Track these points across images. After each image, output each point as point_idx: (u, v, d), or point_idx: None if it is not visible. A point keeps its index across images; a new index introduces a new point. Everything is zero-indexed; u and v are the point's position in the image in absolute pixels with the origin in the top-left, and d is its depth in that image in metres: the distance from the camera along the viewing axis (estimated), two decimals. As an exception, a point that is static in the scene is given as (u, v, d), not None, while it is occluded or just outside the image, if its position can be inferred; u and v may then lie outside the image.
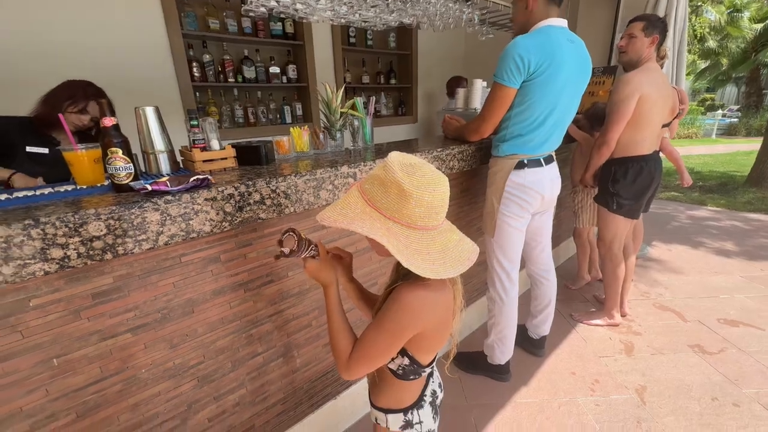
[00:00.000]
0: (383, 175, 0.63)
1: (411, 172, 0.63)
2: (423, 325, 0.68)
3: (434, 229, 0.66)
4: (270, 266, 1.14)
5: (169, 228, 0.84)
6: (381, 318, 0.68)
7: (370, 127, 1.59)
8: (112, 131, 0.84)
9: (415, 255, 0.62)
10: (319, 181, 1.10)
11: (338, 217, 0.64)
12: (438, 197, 0.64)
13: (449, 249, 0.67)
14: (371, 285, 1.46)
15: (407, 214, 0.62)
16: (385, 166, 0.64)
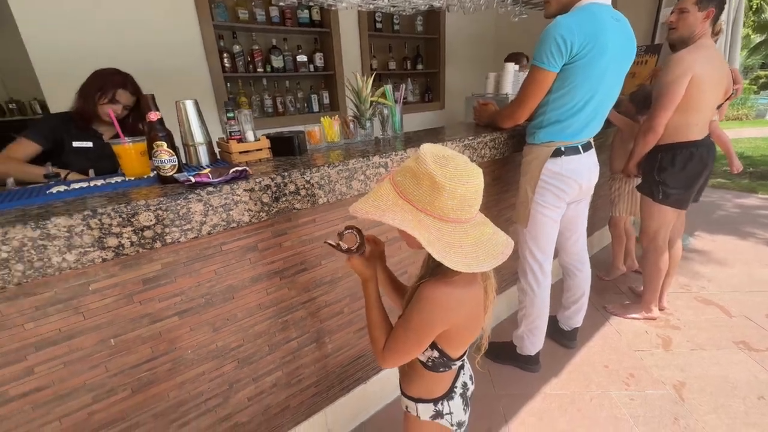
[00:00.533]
0: (415, 167, 0.63)
1: (444, 163, 0.62)
2: (451, 321, 0.69)
3: (467, 222, 0.65)
4: (304, 255, 1.17)
5: (212, 218, 0.88)
6: (408, 314, 0.69)
7: (399, 115, 1.58)
8: (158, 125, 0.88)
9: (447, 248, 0.62)
10: (351, 171, 1.10)
11: (370, 209, 0.64)
12: (471, 189, 0.63)
13: (482, 242, 0.66)
14: (401, 274, 1.47)
15: (439, 207, 0.62)
16: (417, 157, 0.64)
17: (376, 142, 1.46)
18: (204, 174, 0.87)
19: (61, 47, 1.92)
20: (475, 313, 0.71)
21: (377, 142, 1.46)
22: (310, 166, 1.04)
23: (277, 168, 1.03)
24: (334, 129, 1.39)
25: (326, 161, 1.09)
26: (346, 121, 1.43)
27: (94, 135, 1.49)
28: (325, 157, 1.16)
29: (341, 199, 1.11)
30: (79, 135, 1.45)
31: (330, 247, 0.78)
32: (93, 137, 1.49)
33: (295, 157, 1.20)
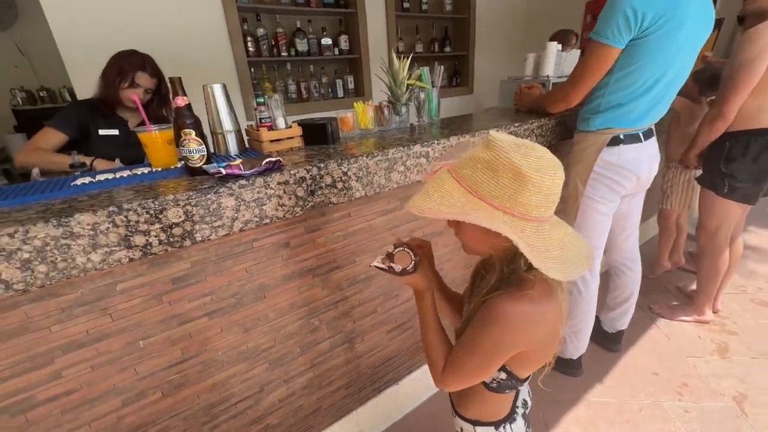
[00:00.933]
0: (490, 158, 0.53)
1: (526, 152, 0.53)
2: (527, 343, 0.59)
3: (547, 221, 0.56)
4: (337, 251, 1.09)
5: (244, 213, 0.80)
6: (476, 334, 0.60)
7: (436, 100, 1.45)
8: (185, 111, 0.80)
9: (533, 252, 0.52)
10: (391, 161, 1.00)
11: (440, 208, 0.55)
12: (557, 182, 0.54)
13: (566, 245, 0.57)
14: (437, 271, 1.37)
15: (522, 203, 0.52)
16: (490, 145, 0.54)
17: (412, 129, 1.35)
18: (235, 165, 0.79)
19: (86, 33, 1.88)
20: (554, 330, 0.61)
21: (412, 129, 1.35)
22: (347, 156, 0.94)
23: (311, 158, 0.94)
24: (368, 115, 1.29)
25: (363, 150, 1.00)
26: (381, 106, 1.32)
27: (119, 122, 1.45)
28: (360, 146, 1.07)
29: (379, 192, 1.01)
30: (104, 123, 1.40)
31: (383, 270, 0.69)
32: (119, 124, 1.44)
33: (328, 146, 1.11)
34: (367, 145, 1.09)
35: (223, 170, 0.77)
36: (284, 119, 1.08)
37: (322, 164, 0.88)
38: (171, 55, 2.08)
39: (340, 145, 1.11)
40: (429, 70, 1.42)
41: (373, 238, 1.16)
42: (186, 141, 0.80)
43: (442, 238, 1.36)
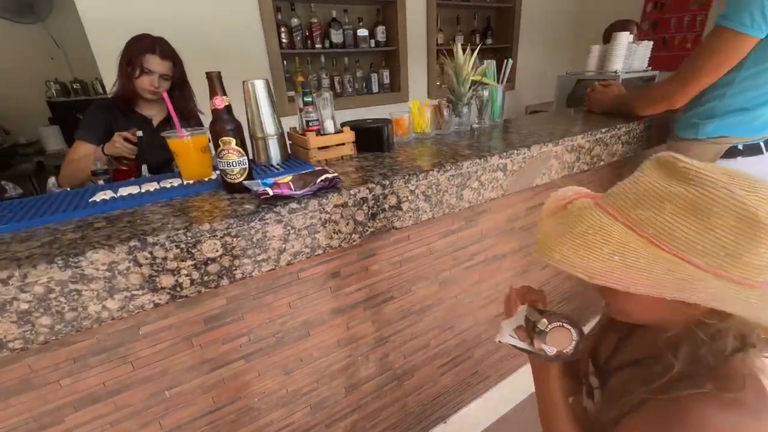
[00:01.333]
0: (696, 196, 0.36)
1: (752, 188, 0.34)
2: None
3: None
4: (393, 280, 0.92)
5: (293, 244, 0.64)
6: None
7: (501, 98, 1.26)
8: (225, 114, 0.65)
9: None
10: (465, 176, 0.82)
11: (623, 270, 0.37)
12: None
13: None
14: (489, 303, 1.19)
15: (746, 263, 0.34)
16: (690, 175, 0.36)
17: (472, 132, 1.16)
18: (284, 183, 0.63)
19: (117, 25, 1.77)
20: None
21: (473, 132, 1.16)
22: (412, 169, 0.77)
23: (368, 171, 0.78)
24: (425, 117, 1.11)
25: (428, 162, 0.82)
26: (440, 106, 1.14)
27: (141, 120, 1.31)
28: (422, 156, 0.89)
29: (448, 212, 0.84)
30: (126, 123, 1.27)
31: (527, 353, 0.51)
32: (141, 123, 1.30)
33: (383, 153, 0.94)
34: (429, 153, 0.91)
35: (270, 190, 0.62)
36: (334, 122, 0.91)
37: (386, 181, 0.71)
38: (202, 48, 1.96)
39: (396, 153, 0.93)
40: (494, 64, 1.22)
41: (432, 263, 0.98)
42: (225, 152, 0.65)
43: (506, 261, 1.17)
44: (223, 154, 0.65)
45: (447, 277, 1.04)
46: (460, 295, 1.10)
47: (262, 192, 0.61)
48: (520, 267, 1.23)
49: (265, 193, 0.61)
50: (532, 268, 1.28)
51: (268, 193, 0.61)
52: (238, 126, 0.67)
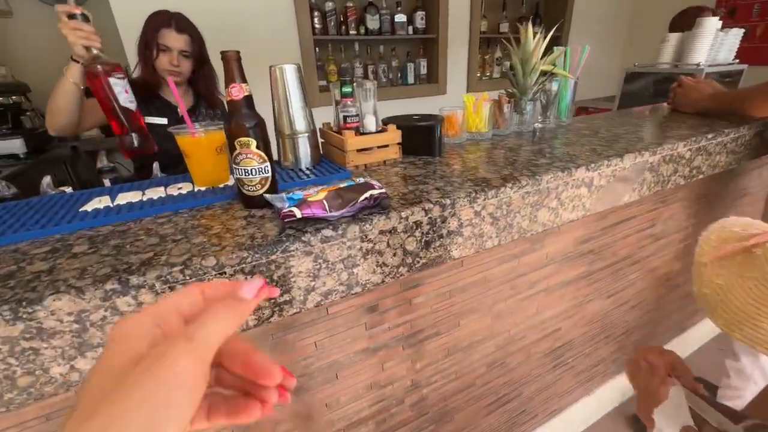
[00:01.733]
0: None
1: None
2: None
3: None
4: (440, 313, 0.76)
5: (324, 281, 0.49)
6: None
7: (572, 93, 1.05)
8: (244, 108, 0.50)
9: None
10: (543, 194, 0.64)
11: None
12: None
13: None
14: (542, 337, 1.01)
15: None
16: None
17: (535, 134, 0.97)
18: (316, 202, 0.47)
19: (143, 9, 1.67)
20: None
21: (535, 134, 0.97)
22: (478, 183, 0.60)
23: (419, 183, 0.61)
24: (482, 114, 0.92)
25: (499, 173, 0.64)
26: (501, 101, 0.95)
27: (165, 107, 1.20)
28: (480, 162, 0.72)
29: (518, 238, 0.66)
30: (149, 108, 1.16)
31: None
32: (164, 109, 1.19)
33: (433, 158, 0.77)
34: (491, 160, 0.73)
35: (297, 211, 0.46)
36: (376, 118, 0.75)
37: (447, 200, 0.54)
38: (229, 33, 1.84)
39: (449, 158, 0.76)
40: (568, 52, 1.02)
41: (486, 294, 0.81)
42: (243, 156, 0.50)
43: (569, 289, 0.98)
44: (240, 159, 0.50)
45: (502, 309, 0.87)
46: (514, 329, 0.92)
47: (287, 213, 0.46)
48: (582, 296, 1.04)
49: (291, 214, 0.46)
50: (597, 296, 1.08)
51: (295, 216, 0.46)
52: (261, 123, 0.51)
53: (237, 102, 0.49)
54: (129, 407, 0.15)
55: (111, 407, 0.15)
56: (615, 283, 1.11)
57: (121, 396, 0.16)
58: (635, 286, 1.18)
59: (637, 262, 1.13)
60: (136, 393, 0.16)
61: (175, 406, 0.16)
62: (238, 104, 0.49)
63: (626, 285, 1.15)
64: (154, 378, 0.16)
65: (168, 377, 0.17)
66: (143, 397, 0.16)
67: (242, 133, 0.49)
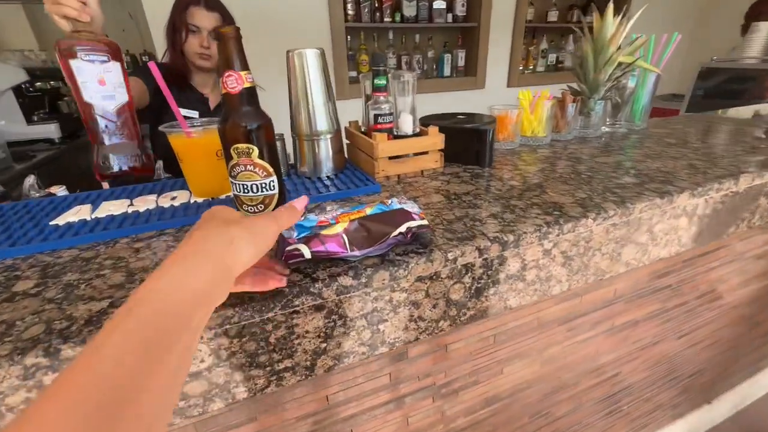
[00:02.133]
0: None
1: None
2: None
3: None
4: (478, 361, 0.62)
5: (339, 341, 0.36)
6: None
7: (651, 92, 0.87)
8: (243, 104, 0.37)
9: None
10: (632, 226, 0.48)
11: None
12: None
13: None
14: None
15: None
16: None
17: (603, 141, 0.80)
18: (332, 238, 0.34)
19: None
20: None
21: (603, 140, 0.80)
22: (547, 209, 0.45)
23: (467, 206, 0.47)
24: (541, 114, 0.76)
25: (572, 196, 0.49)
26: (565, 99, 0.79)
27: (196, 100, 1.09)
28: (545, 178, 0.56)
29: (591, 281, 0.51)
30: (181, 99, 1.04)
31: None
32: (196, 103, 1.09)
33: (481, 168, 0.63)
34: (557, 176, 0.58)
35: (304, 249, 0.33)
36: (414, 118, 0.61)
37: (508, 235, 0.40)
38: (256, 17, 1.74)
39: (501, 171, 0.61)
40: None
41: (538, 337, 0.66)
42: (241, 168, 0.38)
43: (636, 330, 0.82)
44: (237, 171, 0.38)
45: (554, 354, 0.72)
46: (566, 375, 0.77)
47: (291, 253, 0.33)
48: (651, 336, 0.86)
49: (297, 254, 0.33)
50: (667, 337, 0.90)
51: (302, 255, 0.33)
52: (266, 125, 0.39)
53: (234, 96, 0.37)
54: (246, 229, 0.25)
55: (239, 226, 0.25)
56: (689, 322, 0.92)
57: (247, 222, 0.26)
58: (713, 324, 0.98)
59: (719, 298, 0.93)
60: (251, 224, 0.26)
61: (256, 247, 0.26)
62: (235, 99, 0.37)
63: (702, 323, 0.96)
64: (253, 223, 0.26)
65: (263, 229, 0.26)
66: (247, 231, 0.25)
67: (240, 137, 0.37)
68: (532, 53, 2.66)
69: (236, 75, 0.36)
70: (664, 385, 1.02)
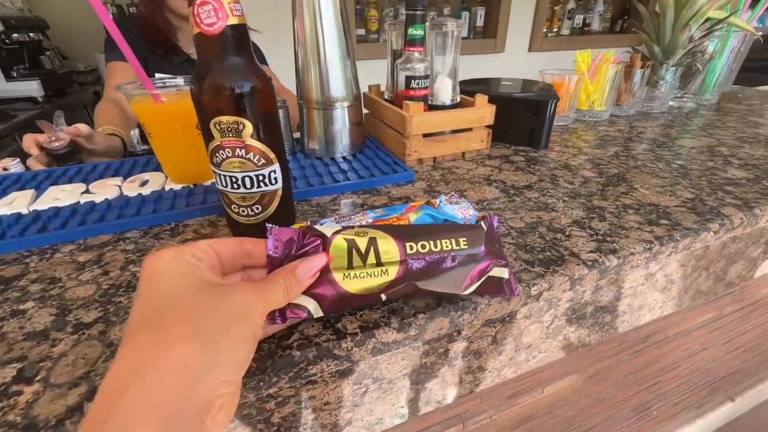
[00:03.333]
0: None
1: None
2: None
3: None
4: (522, 383, 0.52)
5: (371, 408, 0.25)
6: None
7: (732, 59, 0.72)
8: (230, 51, 0.24)
9: None
10: (752, 238, 0.36)
11: None
12: None
13: None
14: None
15: None
16: None
17: (673, 117, 0.66)
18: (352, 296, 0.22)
19: None
20: None
21: (673, 117, 0.66)
22: (653, 216, 0.33)
23: (535, 204, 0.35)
24: (603, 83, 0.62)
25: (676, 196, 0.37)
26: (633, 63, 0.64)
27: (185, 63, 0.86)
28: (619, 164, 0.43)
29: (686, 307, 0.39)
30: (161, 60, 0.87)
31: None
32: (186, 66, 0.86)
33: (536, 151, 0.50)
34: (639, 162, 0.45)
35: (312, 306, 0.21)
36: (455, 84, 0.47)
37: (609, 258, 0.28)
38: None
39: (562, 153, 0.48)
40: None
41: (586, 353, 0.56)
42: (226, 153, 0.25)
43: (686, 339, 0.72)
44: (222, 157, 0.26)
45: (600, 370, 0.62)
46: (607, 389, 0.68)
47: (289, 310, 0.21)
48: (699, 345, 0.77)
49: (297, 313, 0.21)
50: (714, 344, 0.81)
51: (305, 313, 0.21)
52: (264, 86, 0.26)
53: (212, 39, 0.23)
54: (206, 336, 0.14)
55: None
56: (738, 327, 0.83)
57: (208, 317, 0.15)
58: (760, 328, 0.89)
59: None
60: (217, 317, 0.15)
61: (234, 364, 0.15)
62: (213, 44, 0.23)
63: (750, 328, 0.86)
64: (219, 312, 0.15)
65: (239, 324, 0.15)
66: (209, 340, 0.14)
67: (224, 106, 0.24)
68: (557, 13, 2.41)
69: (215, 2, 0.22)
70: (696, 389, 0.95)
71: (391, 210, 0.27)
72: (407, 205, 0.27)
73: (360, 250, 0.21)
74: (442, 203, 0.28)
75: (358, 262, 0.21)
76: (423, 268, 0.21)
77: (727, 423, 1.23)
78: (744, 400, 1.21)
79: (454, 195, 0.29)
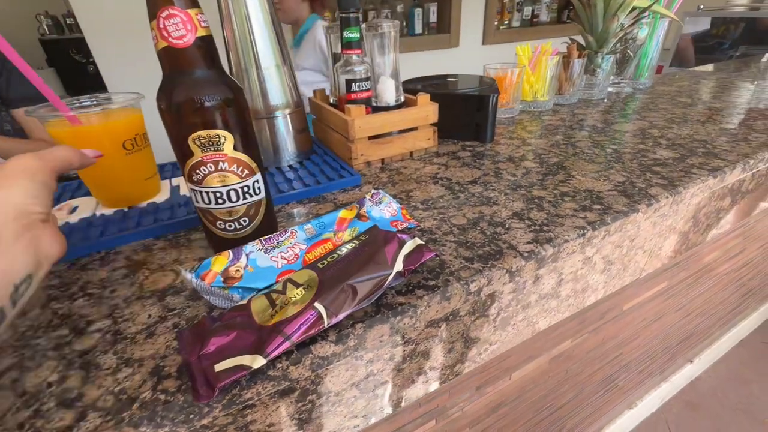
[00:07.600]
0: None
1: None
2: None
3: None
4: (488, 373, 0.54)
5: (321, 422, 0.25)
6: None
7: (660, 43, 0.76)
8: (202, 64, 0.22)
9: None
10: (679, 215, 0.39)
11: None
12: None
13: None
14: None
15: None
16: None
17: (615, 105, 0.69)
18: (299, 318, 0.21)
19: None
20: None
21: (613, 102, 0.69)
22: (588, 203, 0.34)
23: (479, 200, 0.35)
24: (544, 74, 0.64)
25: (609, 180, 0.39)
26: (570, 54, 0.66)
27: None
28: (559, 152, 0.45)
29: (628, 283, 0.41)
30: None
31: None
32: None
33: (483, 145, 0.51)
34: (578, 150, 0.47)
35: (255, 360, 0.20)
36: (397, 83, 0.48)
37: (545, 247, 0.29)
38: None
39: (507, 145, 0.50)
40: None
41: (550, 335, 0.58)
42: (208, 167, 0.24)
43: (649, 307, 0.76)
44: (203, 173, 0.24)
45: (564, 350, 0.64)
46: (572, 367, 0.71)
47: (224, 375, 0.20)
48: (653, 314, 0.82)
49: (238, 373, 0.19)
50: (668, 311, 0.86)
51: (246, 370, 0.20)
52: (238, 96, 0.25)
53: (183, 53, 0.22)
54: None
55: None
56: (689, 293, 0.88)
57: None
58: (707, 293, 0.96)
59: (719, 267, 0.90)
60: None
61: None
62: (185, 58, 0.22)
63: (698, 293, 0.93)
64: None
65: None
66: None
67: (204, 120, 0.23)
68: (506, 6, 2.48)
69: (183, 15, 0.21)
70: (656, 356, 1.01)
71: (322, 227, 0.27)
72: (338, 213, 0.28)
73: (278, 290, 0.22)
74: (369, 209, 0.29)
75: (280, 299, 0.21)
76: (342, 267, 0.23)
77: (689, 383, 1.32)
78: (701, 360, 1.30)
79: (377, 192, 0.31)
